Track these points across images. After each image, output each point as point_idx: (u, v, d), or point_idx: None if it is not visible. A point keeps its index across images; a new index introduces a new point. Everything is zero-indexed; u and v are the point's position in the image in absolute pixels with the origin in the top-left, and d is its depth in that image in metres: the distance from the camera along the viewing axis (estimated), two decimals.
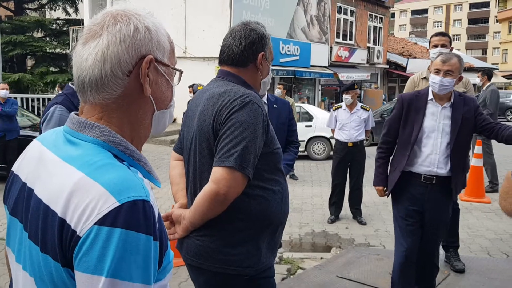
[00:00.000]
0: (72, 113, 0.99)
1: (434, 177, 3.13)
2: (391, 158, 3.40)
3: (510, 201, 1.23)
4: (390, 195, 3.34)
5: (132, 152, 0.95)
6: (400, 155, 3.22)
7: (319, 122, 11.39)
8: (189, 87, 9.69)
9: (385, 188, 3.39)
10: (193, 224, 1.78)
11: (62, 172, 0.89)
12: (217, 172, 1.68)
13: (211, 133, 1.76)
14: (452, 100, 3.15)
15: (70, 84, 3.31)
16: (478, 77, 6.98)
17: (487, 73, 7.34)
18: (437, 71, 3.08)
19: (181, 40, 15.86)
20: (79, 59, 0.94)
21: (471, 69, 26.16)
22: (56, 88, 12.56)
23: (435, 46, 4.16)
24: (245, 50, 1.86)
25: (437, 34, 4.33)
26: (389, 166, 3.39)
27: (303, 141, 10.92)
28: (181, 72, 1.08)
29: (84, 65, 0.93)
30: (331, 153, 7.99)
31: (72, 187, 0.85)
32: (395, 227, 3.34)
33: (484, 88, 7.08)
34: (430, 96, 3.16)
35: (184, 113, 2.05)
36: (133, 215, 0.82)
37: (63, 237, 0.83)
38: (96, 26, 0.94)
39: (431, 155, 3.12)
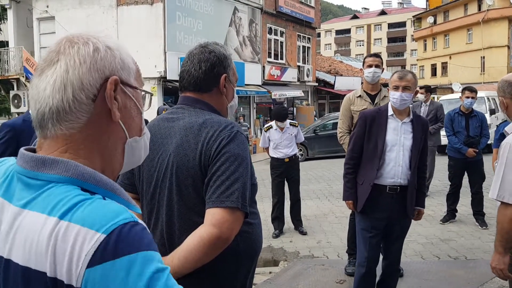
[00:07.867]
0: (22, 149, 0.85)
1: (398, 187, 3.24)
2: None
3: None
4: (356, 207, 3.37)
5: (106, 182, 0.84)
6: (367, 169, 3.30)
7: None
8: None
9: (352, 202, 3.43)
10: (179, 274, 1.51)
11: (31, 223, 0.77)
12: (218, 214, 1.50)
13: (198, 170, 1.58)
14: (411, 117, 3.28)
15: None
16: (422, 93, 7.51)
17: (429, 89, 7.94)
18: (396, 87, 3.19)
19: None
20: (36, 91, 0.84)
21: None
22: None
23: (370, 66, 4.38)
24: (205, 74, 1.70)
25: (371, 55, 4.57)
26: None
27: None
28: (151, 95, 1.00)
29: (42, 95, 0.83)
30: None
31: (49, 237, 0.74)
32: (359, 239, 3.43)
33: (427, 103, 7.59)
34: (390, 112, 3.26)
35: None
36: (124, 240, 0.73)
37: None
38: (52, 53, 0.86)
39: (395, 167, 3.22)
